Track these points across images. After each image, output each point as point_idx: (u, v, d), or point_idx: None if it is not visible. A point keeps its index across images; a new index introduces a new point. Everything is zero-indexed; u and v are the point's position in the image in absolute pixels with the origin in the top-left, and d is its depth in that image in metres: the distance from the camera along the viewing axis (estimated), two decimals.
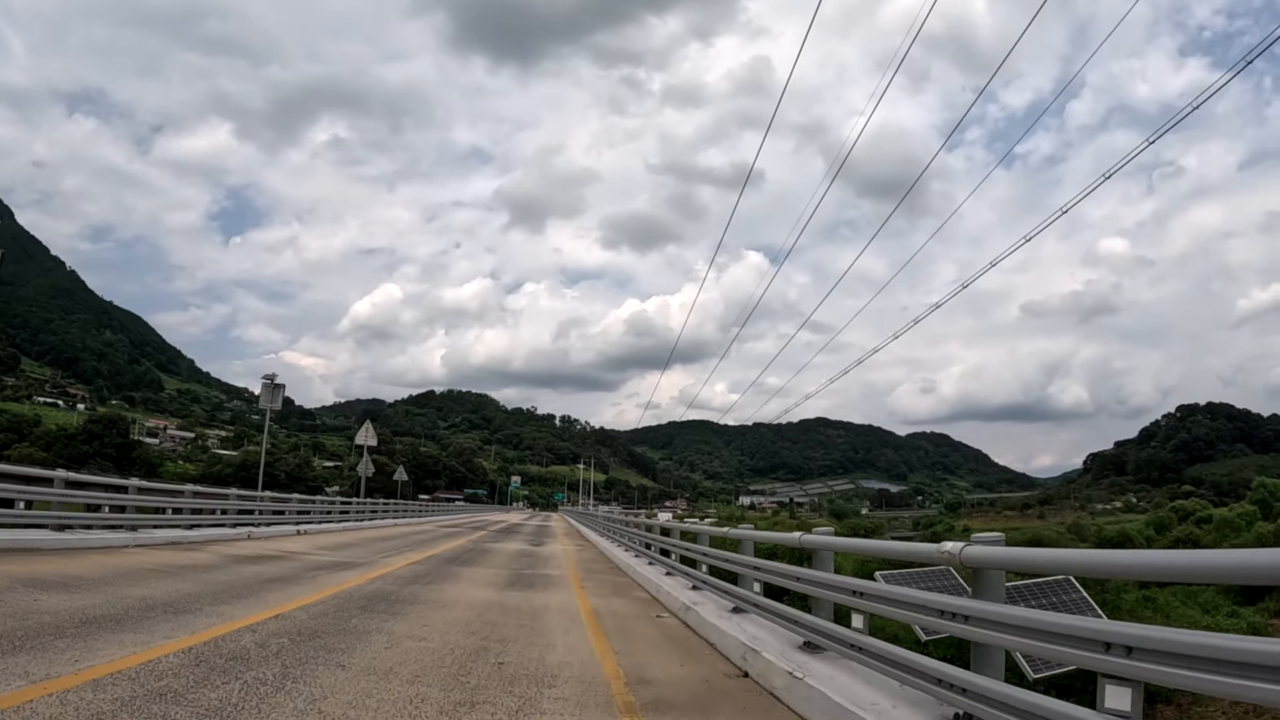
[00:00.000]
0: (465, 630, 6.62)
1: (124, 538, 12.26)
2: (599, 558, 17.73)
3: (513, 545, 20.30)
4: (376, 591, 8.77)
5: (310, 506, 22.28)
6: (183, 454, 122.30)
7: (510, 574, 12.11)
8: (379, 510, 29.92)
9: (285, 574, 9.94)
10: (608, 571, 13.93)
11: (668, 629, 7.46)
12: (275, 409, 22.50)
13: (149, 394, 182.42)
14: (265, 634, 5.84)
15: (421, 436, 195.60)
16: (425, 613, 7.44)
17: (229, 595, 7.67)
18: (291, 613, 6.89)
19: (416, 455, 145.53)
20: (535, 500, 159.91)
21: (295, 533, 18.59)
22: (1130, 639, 2.68)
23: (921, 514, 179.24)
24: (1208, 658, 2.38)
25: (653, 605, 9.23)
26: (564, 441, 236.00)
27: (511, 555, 16.55)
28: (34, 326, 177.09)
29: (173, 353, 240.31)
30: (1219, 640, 2.42)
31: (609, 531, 23.17)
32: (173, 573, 9.22)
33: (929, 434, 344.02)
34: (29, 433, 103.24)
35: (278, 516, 18.97)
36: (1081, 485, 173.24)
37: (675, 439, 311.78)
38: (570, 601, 9.09)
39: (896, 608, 4.30)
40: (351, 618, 6.81)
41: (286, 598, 7.76)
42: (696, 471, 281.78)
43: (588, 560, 16.77)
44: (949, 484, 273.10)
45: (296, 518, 20.21)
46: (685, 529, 10.88)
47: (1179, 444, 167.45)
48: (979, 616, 3.50)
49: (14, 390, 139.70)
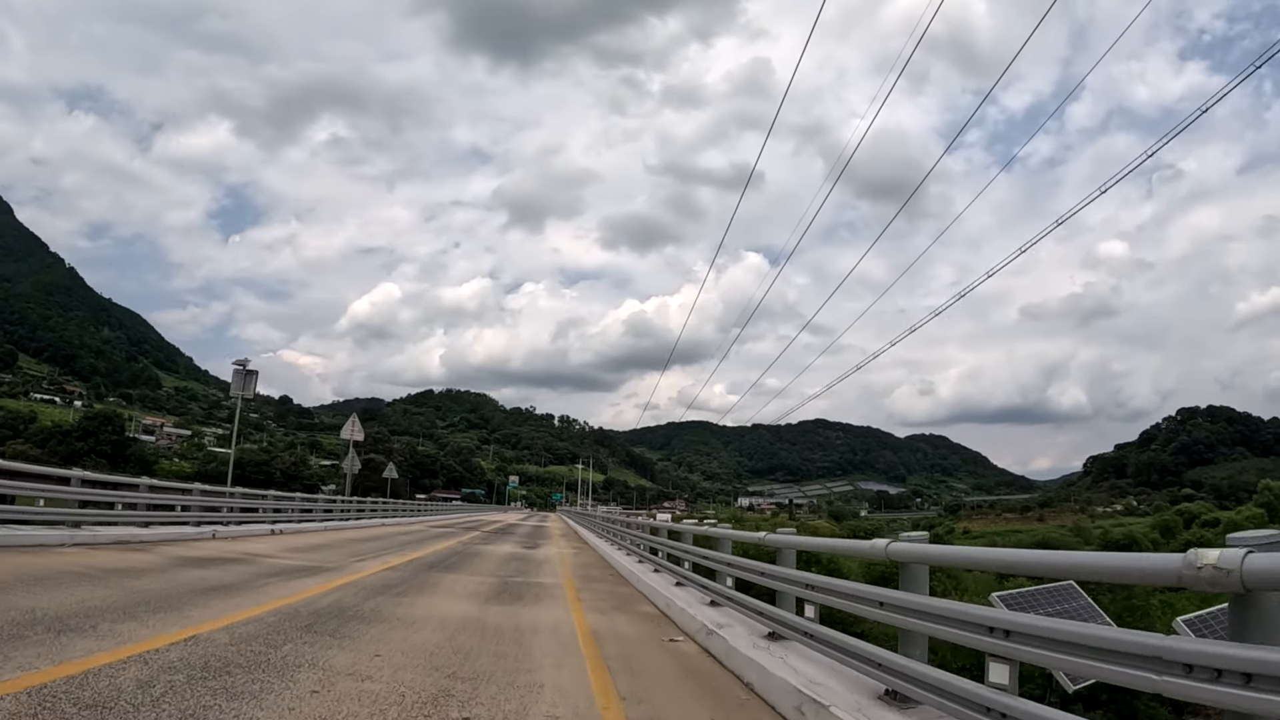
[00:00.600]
0: (428, 663, 5.14)
1: (61, 535, 10.81)
2: (598, 562, 16.26)
3: (505, 548, 18.79)
4: (332, 605, 7.29)
5: (288, 504, 20.79)
6: (178, 451, 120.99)
7: (497, 582, 10.63)
8: (367, 509, 28.43)
9: (232, 581, 8.47)
10: (608, 579, 12.45)
11: (686, 660, 5.96)
12: (248, 397, 21.04)
13: (146, 391, 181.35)
14: (158, 667, 4.39)
15: (419, 436, 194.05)
16: (383, 636, 5.96)
17: (145, 608, 6.21)
18: (211, 634, 5.43)
19: (414, 454, 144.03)
20: (533, 500, 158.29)
21: (269, 532, 17.12)
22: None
23: (920, 516, 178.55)
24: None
25: (663, 624, 7.74)
26: (562, 441, 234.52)
27: (502, 559, 15.04)
28: (32, 323, 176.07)
29: (171, 350, 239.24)
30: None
31: (608, 533, 21.73)
32: (96, 578, 7.78)
33: (928, 436, 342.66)
34: (24, 429, 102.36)
35: (250, 515, 17.51)
36: (1081, 488, 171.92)
37: (674, 440, 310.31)
38: (564, 619, 7.60)
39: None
40: (285, 643, 5.33)
41: (216, 613, 6.30)
42: (695, 472, 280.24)
43: (585, 566, 15.29)
44: (948, 486, 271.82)
45: (272, 516, 18.74)
46: (700, 533, 9.39)
47: (1179, 447, 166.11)
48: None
49: (10, 387, 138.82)
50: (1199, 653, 2.26)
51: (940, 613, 3.53)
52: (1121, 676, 2.50)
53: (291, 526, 19.09)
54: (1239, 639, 2.33)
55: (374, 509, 30.30)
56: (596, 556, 17.79)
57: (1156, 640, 2.41)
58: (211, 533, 14.32)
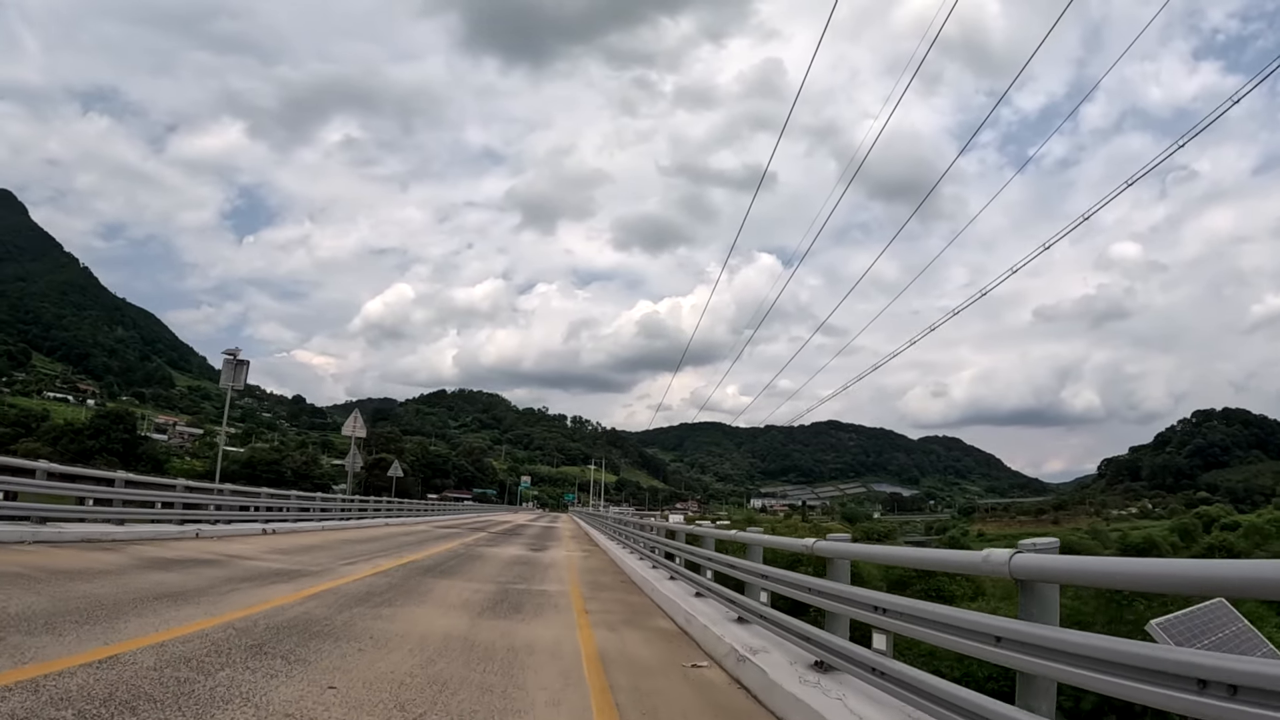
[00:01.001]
0: (392, 699, 4.09)
1: (22, 532, 9.90)
2: (608, 567, 15.22)
3: (510, 550, 17.79)
4: (298, 618, 6.27)
5: (283, 503, 19.89)
6: (190, 450, 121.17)
7: (496, 590, 9.61)
8: (370, 509, 27.50)
9: (194, 587, 7.48)
10: (618, 587, 11.40)
11: (713, 694, 4.87)
12: (238, 389, 20.16)
13: (160, 390, 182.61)
14: (48, 698, 3.43)
15: (432, 436, 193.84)
16: (346, 660, 4.92)
17: (73, 619, 5.24)
18: (136, 654, 4.43)
19: (425, 454, 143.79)
20: (545, 501, 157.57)
21: (260, 532, 16.19)
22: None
23: (934, 518, 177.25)
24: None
25: (683, 644, 6.65)
26: (575, 442, 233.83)
27: (505, 563, 14.01)
28: (46, 322, 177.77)
29: (184, 349, 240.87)
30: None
31: (620, 535, 20.69)
32: (36, 580, 6.84)
33: (941, 438, 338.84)
34: (36, 427, 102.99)
35: (241, 513, 16.60)
36: (1096, 490, 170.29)
37: (686, 441, 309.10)
38: (567, 638, 6.53)
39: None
40: (221, 669, 4.32)
41: (156, 626, 5.31)
42: (707, 473, 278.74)
43: (594, 570, 14.24)
44: (961, 488, 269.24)
45: (265, 515, 17.84)
46: (723, 537, 8.29)
47: (1194, 450, 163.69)
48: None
49: (24, 385, 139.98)
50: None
51: (1121, 660, 2.39)
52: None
53: (286, 526, 18.17)
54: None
55: (378, 509, 29.42)
56: (607, 560, 16.78)
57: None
58: (195, 532, 13.41)
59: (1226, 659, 2.07)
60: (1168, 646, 2.72)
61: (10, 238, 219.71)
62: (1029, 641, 2.83)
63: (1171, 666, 2.18)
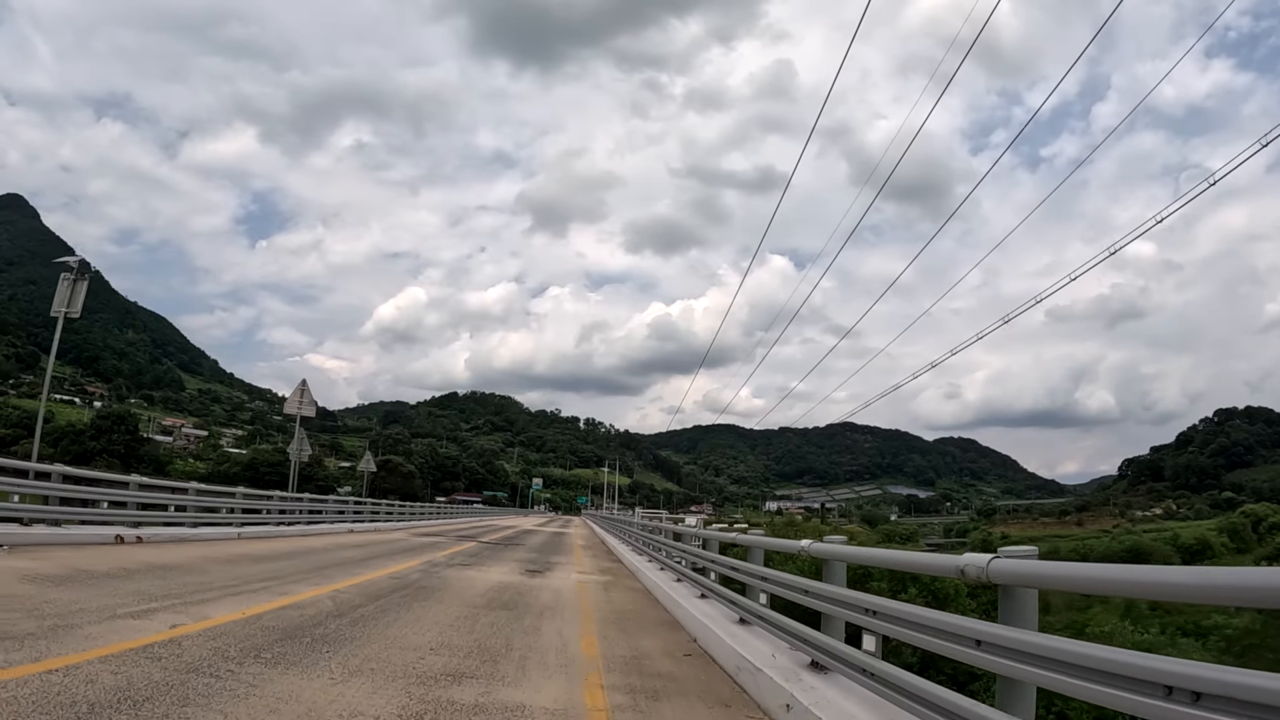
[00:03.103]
0: None
1: None
2: (642, 607, 9.88)
3: (495, 572, 12.59)
4: None
5: (221, 503, 15.39)
6: (193, 452, 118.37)
7: (420, 680, 4.74)
8: (328, 512, 22.70)
9: None
10: (677, 653, 6.53)
11: None
12: (73, 315, 15.65)
13: (170, 393, 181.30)
14: None
15: (443, 438, 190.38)
16: None
17: None
18: None
19: (434, 456, 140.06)
20: (558, 504, 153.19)
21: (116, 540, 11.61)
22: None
23: (952, 520, 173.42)
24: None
25: None
26: (588, 444, 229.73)
27: (470, 605, 8.44)
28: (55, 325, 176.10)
29: (196, 353, 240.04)
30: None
31: (650, 548, 15.73)
32: None
33: (956, 439, 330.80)
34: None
35: (160, 514, 12.07)
36: (1117, 491, 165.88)
37: (700, 443, 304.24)
38: None
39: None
40: None
41: None
42: (722, 476, 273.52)
43: (624, 616, 8.82)
44: (977, 490, 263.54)
45: (193, 517, 13.33)
46: None
47: (1218, 449, 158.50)
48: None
49: (30, 388, 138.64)
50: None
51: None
52: None
53: (215, 531, 13.61)
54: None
55: (356, 510, 24.91)
56: (639, 591, 11.61)
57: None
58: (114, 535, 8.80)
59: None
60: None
61: (21, 241, 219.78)
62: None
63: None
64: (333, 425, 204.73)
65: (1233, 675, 1.96)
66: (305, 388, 21.51)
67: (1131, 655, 2.32)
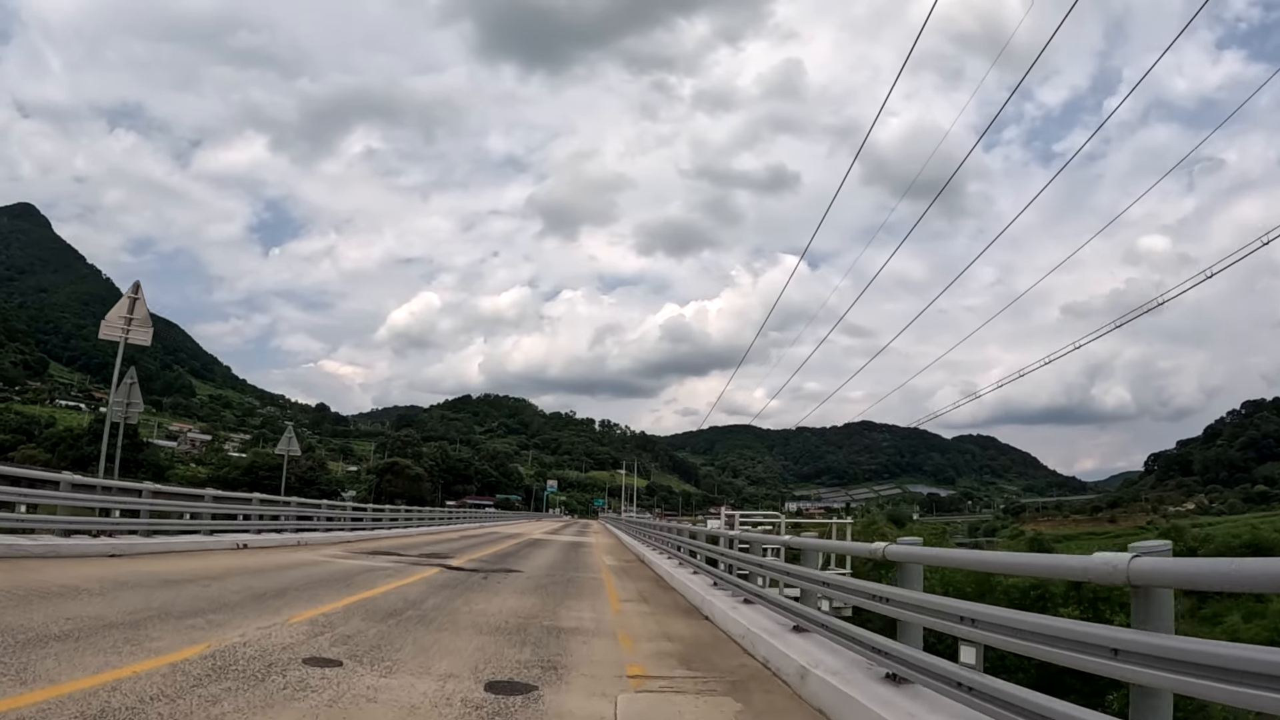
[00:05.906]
0: None
1: None
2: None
3: (419, 689, 4.42)
4: None
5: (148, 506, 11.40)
6: (196, 457, 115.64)
7: None
8: (286, 518, 18.39)
9: None
10: None
11: None
12: None
13: (180, 399, 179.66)
14: None
15: (456, 441, 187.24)
16: None
17: None
18: None
19: (445, 459, 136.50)
20: (573, 507, 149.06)
21: None
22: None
23: (976, 519, 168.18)
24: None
25: None
26: (603, 446, 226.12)
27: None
28: (66, 332, 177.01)
29: (208, 359, 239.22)
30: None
31: (710, 566, 11.12)
32: None
33: (975, 437, 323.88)
34: (38, 434, 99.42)
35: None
36: (1145, 486, 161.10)
37: (717, 444, 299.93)
38: None
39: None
40: None
41: None
42: (739, 477, 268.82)
43: None
44: (998, 488, 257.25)
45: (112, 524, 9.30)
46: None
47: (1247, 441, 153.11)
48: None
49: (36, 394, 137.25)
50: None
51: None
52: None
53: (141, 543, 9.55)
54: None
55: (330, 516, 20.86)
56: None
57: None
58: None
59: None
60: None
61: (33, 250, 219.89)
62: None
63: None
64: (345, 430, 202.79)
65: None
66: (139, 294, 16.06)
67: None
